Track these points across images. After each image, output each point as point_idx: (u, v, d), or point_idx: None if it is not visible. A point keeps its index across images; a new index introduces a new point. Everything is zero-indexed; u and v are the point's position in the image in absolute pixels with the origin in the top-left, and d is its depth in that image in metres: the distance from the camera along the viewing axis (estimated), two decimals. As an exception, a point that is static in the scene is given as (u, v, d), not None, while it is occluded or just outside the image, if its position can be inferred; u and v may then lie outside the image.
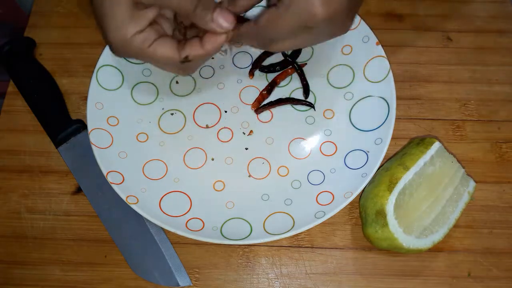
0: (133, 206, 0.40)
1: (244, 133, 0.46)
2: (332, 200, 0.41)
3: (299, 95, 0.47)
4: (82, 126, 0.46)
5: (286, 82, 0.48)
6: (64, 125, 0.45)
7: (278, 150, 0.45)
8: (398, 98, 0.44)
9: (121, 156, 0.43)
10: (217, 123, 0.46)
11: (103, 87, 0.45)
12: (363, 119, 0.45)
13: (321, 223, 0.39)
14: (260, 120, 0.47)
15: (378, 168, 0.41)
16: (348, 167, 0.43)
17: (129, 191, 0.41)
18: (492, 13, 0.52)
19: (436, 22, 0.52)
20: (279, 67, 0.48)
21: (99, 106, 0.44)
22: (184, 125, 0.46)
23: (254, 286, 0.41)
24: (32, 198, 0.44)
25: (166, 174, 0.44)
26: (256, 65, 0.48)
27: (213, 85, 0.48)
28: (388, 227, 0.37)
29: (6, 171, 0.45)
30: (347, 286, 0.40)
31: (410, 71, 0.49)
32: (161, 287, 0.40)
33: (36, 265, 0.41)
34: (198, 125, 0.46)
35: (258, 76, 0.48)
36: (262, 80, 0.48)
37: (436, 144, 0.40)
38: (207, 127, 0.46)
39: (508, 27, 0.52)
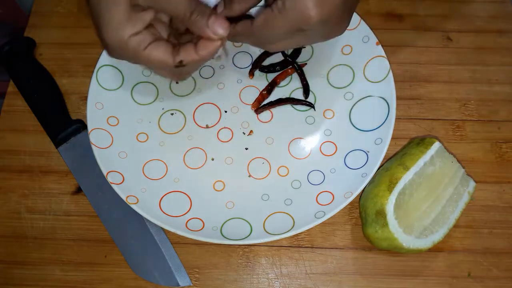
0: (133, 206, 0.40)
1: (244, 133, 0.46)
2: (332, 200, 0.41)
3: (299, 95, 0.47)
4: (82, 126, 0.46)
5: (286, 82, 0.48)
6: (64, 125, 0.45)
7: (278, 150, 0.45)
8: (398, 98, 0.44)
9: (121, 156, 0.43)
10: (217, 123, 0.46)
11: (103, 87, 0.45)
12: (363, 119, 0.45)
13: (321, 223, 0.39)
14: (260, 120, 0.47)
15: (378, 168, 0.41)
16: (348, 167, 0.43)
17: (129, 191, 0.41)
18: (492, 13, 0.52)
19: (436, 22, 0.52)
20: (279, 67, 0.48)
21: (99, 106, 0.44)
22: (184, 125, 0.46)
23: (254, 286, 0.41)
24: (32, 198, 0.44)
25: (166, 174, 0.44)
26: (256, 65, 0.48)
27: (213, 85, 0.48)
28: (388, 227, 0.37)
29: (6, 171, 0.45)
30: (347, 286, 0.40)
31: (410, 71, 0.49)
32: (161, 287, 0.40)
33: (36, 265, 0.41)
34: (198, 125, 0.46)
35: (258, 76, 0.48)
36: (262, 80, 0.48)
37: (436, 144, 0.40)
38: (207, 127, 0.46)
39: (508, 27, 0.52)
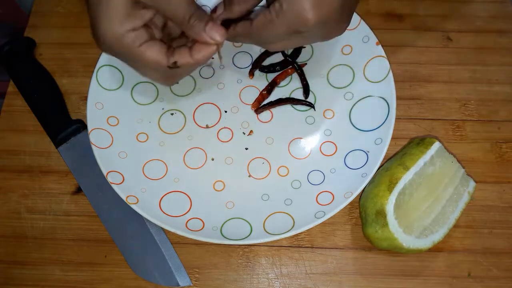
0: (133, 206, 0.40)
1: (244, 133, 0.46)
2: (332, 200, 0.41)
3: (299, 95, 0.47)
4: (82, 126, 0.46)
5: (286, 82, 0.48)
6: (64, 125, 0.45)
7: (278, 150, 0.45)
8: (398, 98, 0.44)
9: (121, 156, 0.43)
10: (217, 123, 0.46)
11: (103, 87, 0.45)
12: (363, 119, 0.45)
13: (321, 223, 0.39)
14: (260, 120, 0.47)
15: (378, 168, 0.41)
16: (348, 167, 0.43)
17: (129, 191, 0.41)
18: (492, 13, 0.52)
19: (436, 22, 0.52)
20: (279, 67, 0.48)
21: (99, 106, 0.44)
22: (184, 125, 0.46)
23: (254, 286, 0.41)
24: (32, 198, 0.44)
25: (166, 174, 0.44)
26: (256, 65, 0.48)
27: (213, 85, 0.48)
28: (388, 227, 0.37)
29: (6, 171, 0.45)
30: (347, 286, 0.40)
31: (410, 71, 0.49)
32: (161, 287, 0.40)
33: (36, 265, 0.41)
34: (198, 125, 0.46)
35: (258, 76, 0.48)
36: (262, 80, 0.48)
37: (436, 144, 0.40)
38: (207, 127, 0.46)
39: (508, 27, 0.52)
